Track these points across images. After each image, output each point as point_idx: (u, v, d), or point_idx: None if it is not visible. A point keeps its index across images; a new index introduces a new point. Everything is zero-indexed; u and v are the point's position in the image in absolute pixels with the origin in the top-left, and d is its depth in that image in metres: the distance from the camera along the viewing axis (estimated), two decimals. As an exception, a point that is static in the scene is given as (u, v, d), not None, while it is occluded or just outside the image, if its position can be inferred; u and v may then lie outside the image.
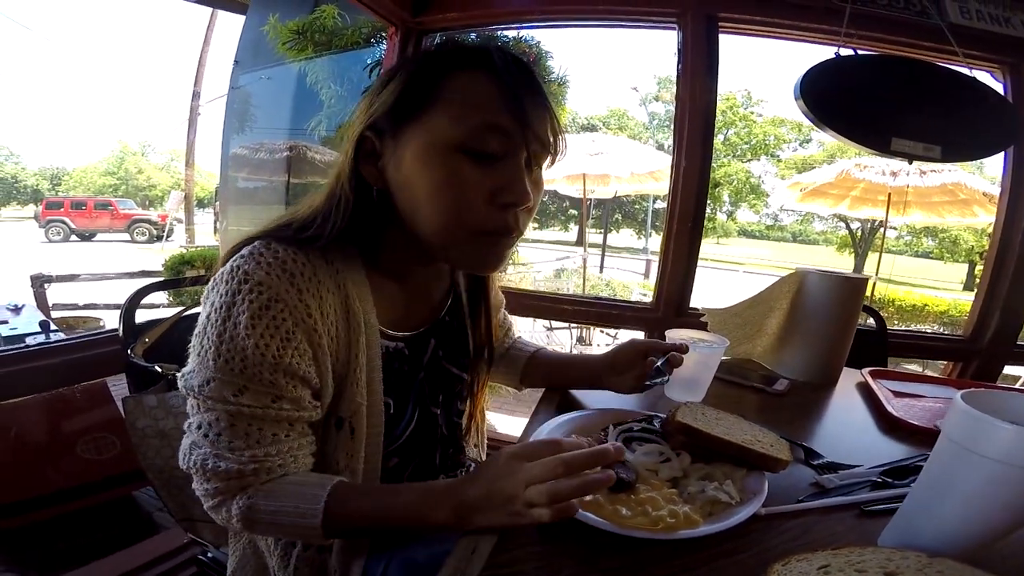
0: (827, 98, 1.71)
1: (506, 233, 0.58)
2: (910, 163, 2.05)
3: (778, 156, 26.39)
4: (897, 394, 1.05)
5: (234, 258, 0.54)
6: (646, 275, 9.75)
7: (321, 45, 2.66)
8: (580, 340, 3.83)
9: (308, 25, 2.65)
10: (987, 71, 1.97)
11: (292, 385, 0.54)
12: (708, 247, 26.76)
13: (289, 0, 2.96)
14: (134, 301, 0.97)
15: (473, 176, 0.55)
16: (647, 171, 4.81)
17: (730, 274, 16.35)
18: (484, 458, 0.88)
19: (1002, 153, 1.94)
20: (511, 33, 3.18)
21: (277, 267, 0.52)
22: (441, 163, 0.55)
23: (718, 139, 23.78)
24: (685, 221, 1.88)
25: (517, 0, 2.02)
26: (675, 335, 0.88)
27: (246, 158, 3.58)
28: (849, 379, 1.12)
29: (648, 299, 2.13)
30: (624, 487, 0.54)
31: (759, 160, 26.59)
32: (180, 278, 1.21)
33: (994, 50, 1.90)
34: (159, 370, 0.86)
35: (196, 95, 10.87)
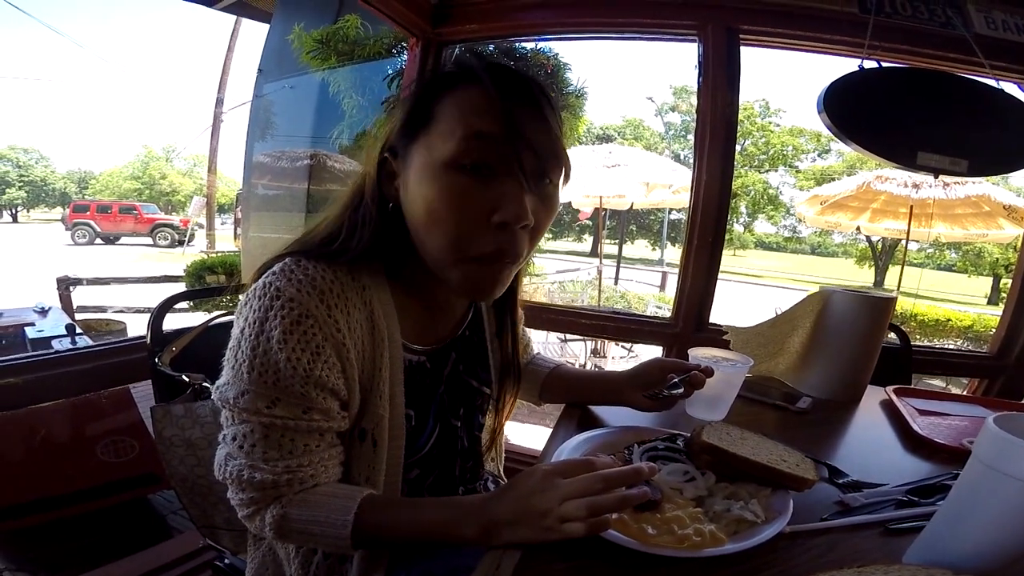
0: (851, 111, 1.69)
1: (499, 257, 0.56)
2: (936, 177, 2.02)
3: (796, 167, 26.15)
4: (922, 412, 1.03)
5: (266, 275, 0.56)
6: (662, 287, 9.64)
7: (344, 55, 2.71)
8: (595, 352, 3.80)
9: (332, 35, 2.70)
10: (1014, 82, 1.92)
11: (322, 397, 0.55)
12: (725, 259, 26.39)
13: (312, 10, 3.04)
14: (162, 310, 0.99)
15: (468, 191, 0.54)
16: (665, 184, 4.78)
17: (747, 287, 16.15)
18: (501, 471, 0.88)
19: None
20: (529, 45, 3.21)
21: (307, 284, 0.54)
22: (435, 180, 0.55)
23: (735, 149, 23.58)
24: (705, 236, 1.87)
25: (536, 13, 2.02)
26: (698, 354, 0.87)
27: (268, 165, 3.65)
28: (873, 397, 1.10)
29: (664, 312, 2.11)
30: (650, 506, 0.54)
31: (777, 171, 26.37)
32: (206, 288, 1.23)
33: (1020, 60, 1.86)
34: (186, 379, 0.88)
35: (220, 102, 11.11)
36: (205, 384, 0.87)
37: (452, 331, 0.72)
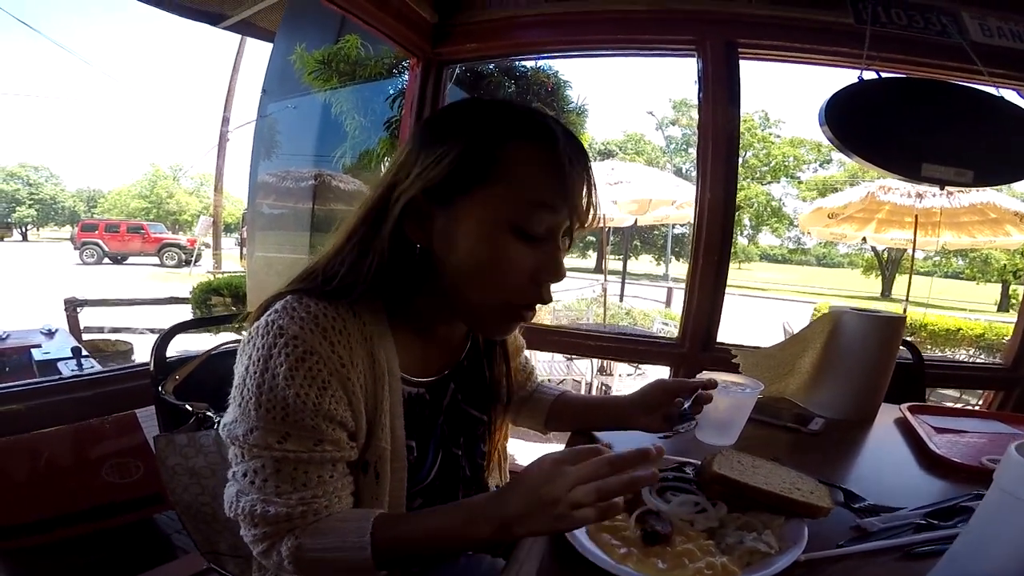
0: (853, 124, 1.68)
1: (540, 304, 0.61)
2: (941, 189, 2.00)
3: (798, 177, 26.17)
4: (939, 430, 1.01)
5: (268, 313, 0.56)
6: (667, 303, 9.54)
7: (345, 75, 2.74)
8: (601, 370, 3.76)
9: (333, 55, 2.73)
10: (1013, 89, 1.91)
11: (332, 428, 0.55)
12: (730, 272, 26.48)
13: (314, 30, 3.08)
14: (165, 339, 1.00)
15: (520, 256, 0.57)
16: (668, 200, 4.77)
17: (753, 300, 16.07)
18: None
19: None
20: (530, 63, 3.24)
21: (310, 321, 0.54)
22: (494, 241, 0.57)
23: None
24: (711, 254, 1.85)
25: (536, 31, 2.03)
26: (708, 378, 0.86)
27: (273, 185, 3.68)
28: (887, 415, 1.08)
29: (670, 328, 2.09)
30: (659, 539, 0.52)
31: (779, 182, 26.42)
32: (210, 317, 1.24)
33: (1018, 67, 1.85)
34: (189, 408, 0.88)
35: (226, 121, 11.21)
36: (208, 413, 0.87)
37: (450, 361, 0.72)
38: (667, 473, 0.64)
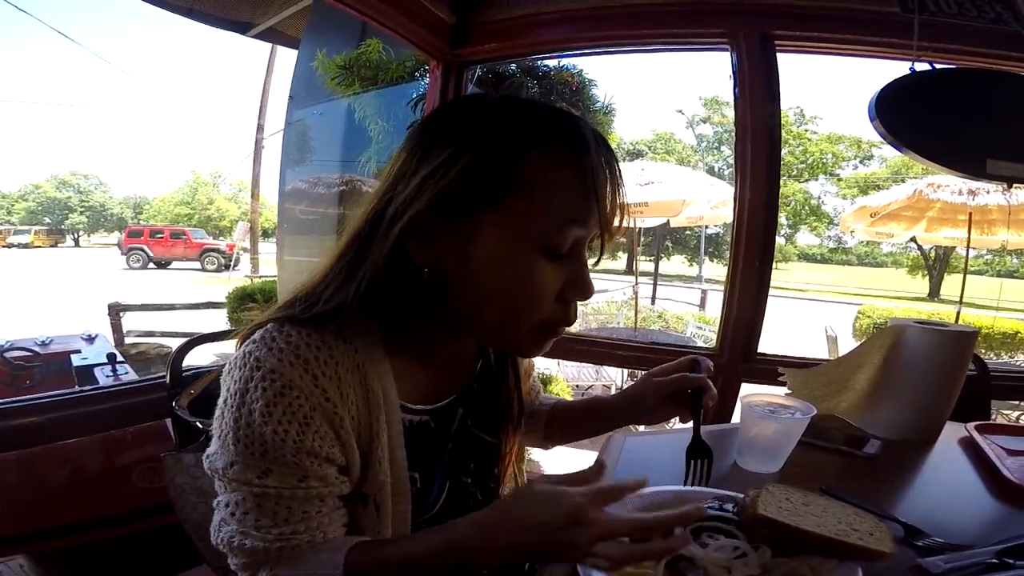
0: (907, 118, 1.58)
1: (565, 326, 0.57)
2: (1009, 187, 1.87)
3: (837, 175, 25.33)
4: (1011, 452, 0.91)
5: (247, 343, 0.52)
6: (702, 306, 9.23)
7: (367, 80, 2.74)
8: (632, 375, 3.67)
9: (354, 60, 2.74)
10: None
11: (317, 464, 0.52)
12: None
13: (336, 35, 3.10)
14: (181, 353, 1.00)
15: (547, 274, 0.52)
16: (702, 200, 4.64)
17: (792, 302, 15.54)
18: None
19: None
20: (552, 62, 3.18)
21: (290, 353, 0.50)
22: (520, 263, 0.51)
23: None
24: (752, 258, 1.74)
25: (558, 28, 1.97)
26: (755, 401, 0.81)
27: (305, 191, 3.74)
28: (950, 435, 0.98)
29: (705, 332, 2.00)
30: None
31: (817, 180, 25.63)
32: (221, 331, 1.24)
33: None
34: (199, 426, 0.88)
35: (260, 128, 11.56)
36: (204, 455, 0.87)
37: (458, 386, 0.67)
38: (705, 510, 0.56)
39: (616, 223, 0.55)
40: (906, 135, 1.56)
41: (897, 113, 1.57)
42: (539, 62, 2.96)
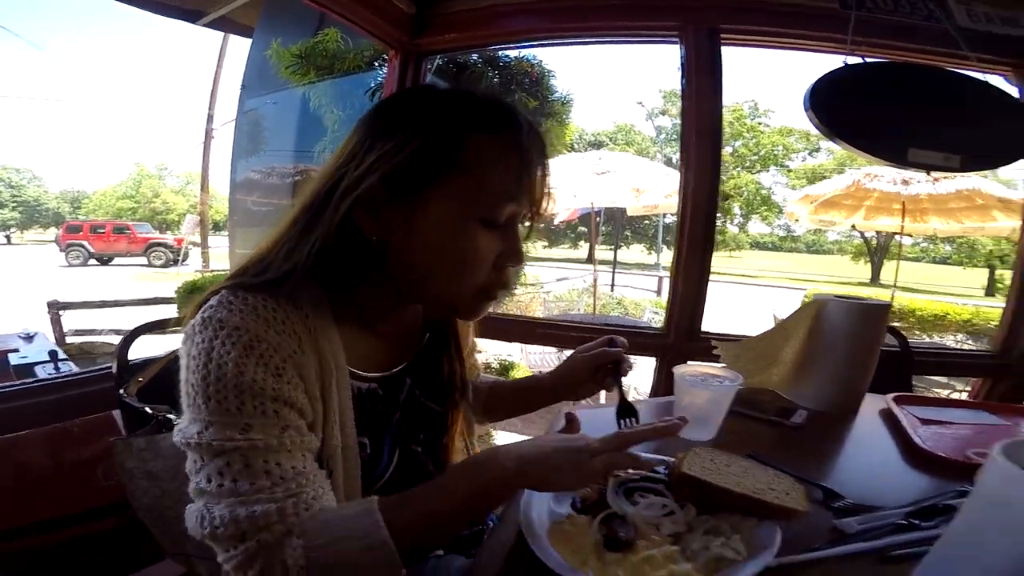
0: (839, 109, 1.67)
1: (504, 290, 0.63)
2: (928, 174, 2.00)
3: (787, 166, 26.28)
4: (924, 421, 0.99)
5: (203, 309, 0.52)
6: (658, 292, 9.53)
7: (323, 69, 2.68)
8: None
9: (310, 49, 2.68)
10: (999, 74, 1.95)
11: (294, 414, 0.52)
12: (721, 261, 26.68)
13: (293, 24, 3.02)
14: (127, 342, 0.98)
15: (486, 243, 0.58)
16: (658, 189, 4.75)
17: (745, 288, 16.14)
18: None
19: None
20: (513, 53, 3.20)
21: (250, 312, 0.51)
22: (462, 232, 0.56)
23: (726, 151, 23.88)
24: (695, 243, 1.83)
25: (516, 20, 1.99)
26: (685, 371, 0.86)
27: (258, 182, 3.63)
28: (872, 406, 1.06)
29: (660, 317, 2.08)
30: (621, 546, 0.50)
31: (768, 171, 26.52)
32: (172, 318, 1.21)
33: (1003, 53, 1.87)
34: (149, 411, 0.86)
35: (210, 118, 11.10)
36: (169, 416, 0.85)
37: (405, 356, 0.70)
38: (638, 473, 0.61)
39: (543, 199, 0.62)
40: (836, 125, 1.64)
41: (829, 104, 1.65)
42: (500, 53, 2.97)
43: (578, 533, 0.53)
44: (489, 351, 3.61)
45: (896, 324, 1.67)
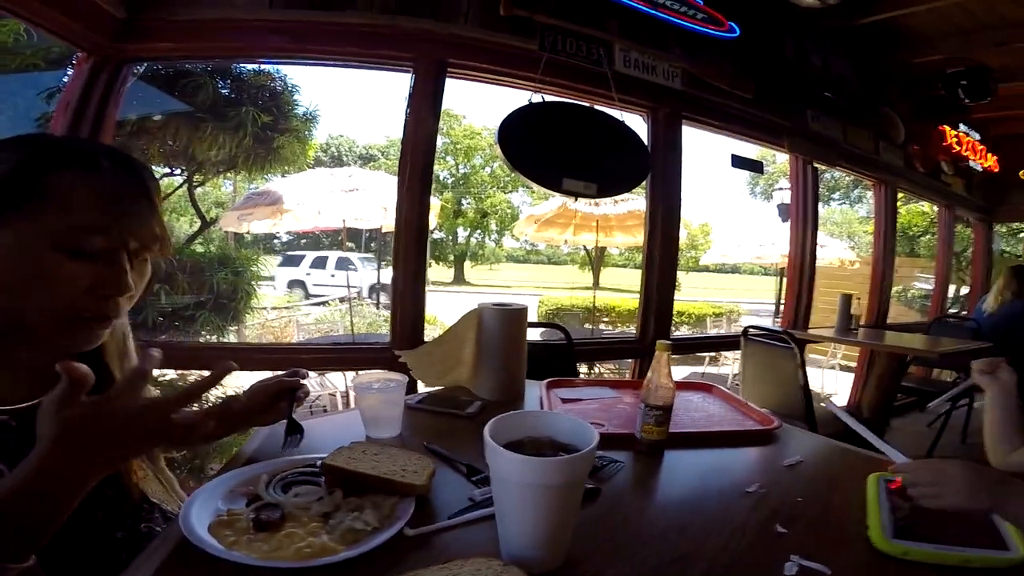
0: (517, 142, 1.93)
1: (102, 319, 0.64)
2: (575, 200, 2.47)
3: (530, 187, 29.54)
4: (565, 400, 1.21)
5: None
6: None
7: (-13, 62, 2.14)
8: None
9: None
10: (638, 114, 2.41)
11: None
12: (482, 274, 28.51)
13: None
14: None
15: (71, 272, 0.59)
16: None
17: (503, 298, 17.48)
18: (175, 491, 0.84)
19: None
20: (252, 66, 3.00)
21: None
22: (37, 259, 0.58)
23: (485, 172, 25.72)
24: (409, 259, 2.00)
25: (249, 36, 1.91)
26: (363, 379, 0.97)
27: None
28: (534, 392, 1.27)
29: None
30: (268, 526, 0.60)
31: (518, 191, 29.51)
32: None
33: (642, 95, 2.31)
34: None
35: None
36: None
37: (46, 387, 0.67)
38: (299, 469, 0.73)
39: (147, 233, 0.65)
40: (515, 157, 1.91)
41: (511, 137, 1.92)
42: (233, 65, 2.78)
43: (234, 522, 0.61)
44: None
45: (557, 323, 2.09)
